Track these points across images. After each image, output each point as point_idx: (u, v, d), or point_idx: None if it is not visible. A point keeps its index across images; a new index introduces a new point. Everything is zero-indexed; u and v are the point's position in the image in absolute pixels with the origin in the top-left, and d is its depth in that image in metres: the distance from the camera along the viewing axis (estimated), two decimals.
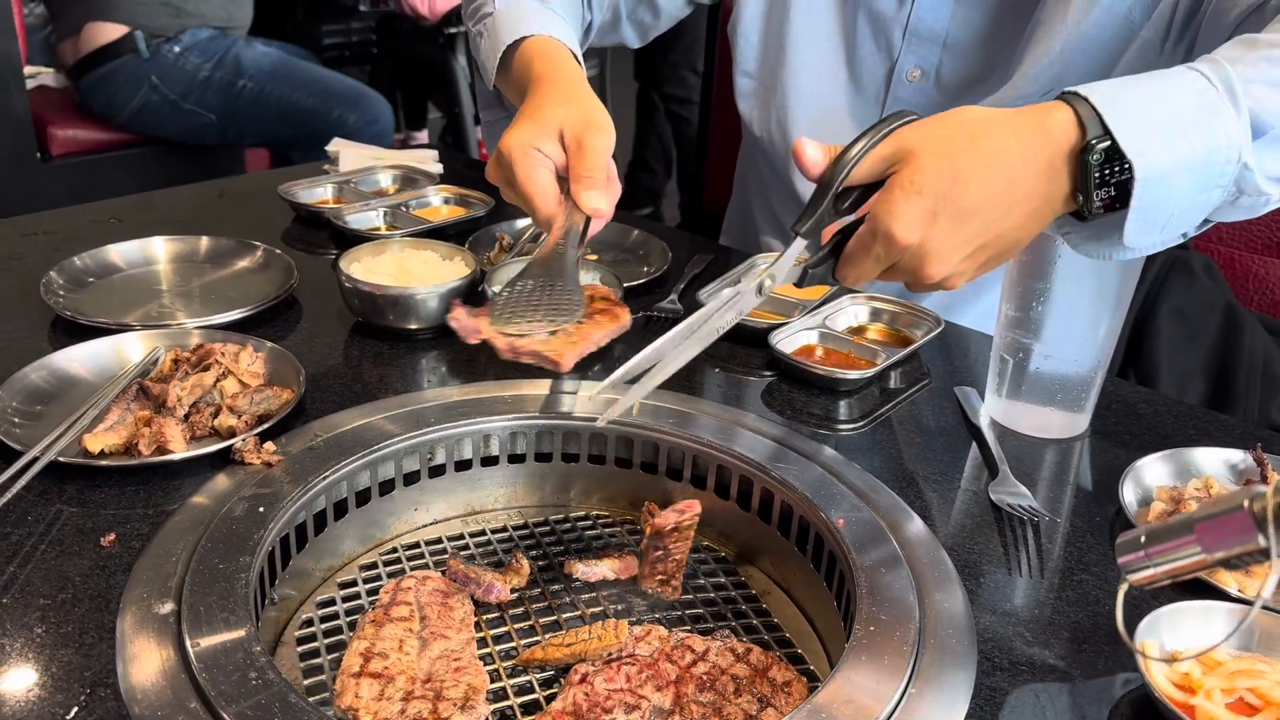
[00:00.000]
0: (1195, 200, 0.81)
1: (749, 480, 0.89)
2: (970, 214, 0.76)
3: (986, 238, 0.78)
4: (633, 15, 1.38)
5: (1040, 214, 0.79)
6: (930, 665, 0.69)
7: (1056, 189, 0.78)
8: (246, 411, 0.92)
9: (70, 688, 0.64)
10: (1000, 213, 0.77)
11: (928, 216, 0.76)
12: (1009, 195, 0.77)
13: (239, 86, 3.00)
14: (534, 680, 0.75)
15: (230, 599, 0.70)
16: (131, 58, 2.91)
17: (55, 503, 0.81)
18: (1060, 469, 0.95)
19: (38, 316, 1.12)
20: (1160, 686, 0.66)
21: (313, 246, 1.37)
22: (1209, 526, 0.49)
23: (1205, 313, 1.46)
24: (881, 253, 0.78)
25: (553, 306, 0.83)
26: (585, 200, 0.88)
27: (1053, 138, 0.77)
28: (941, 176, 0.75)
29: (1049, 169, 0.77)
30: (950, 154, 0.76)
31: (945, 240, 0.77)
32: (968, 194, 0.76)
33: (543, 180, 0.91)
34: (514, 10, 1.13)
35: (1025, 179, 0.77)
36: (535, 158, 0.91)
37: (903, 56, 1.26)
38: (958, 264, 0.79)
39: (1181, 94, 0.79)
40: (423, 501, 0.93)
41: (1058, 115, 0.78)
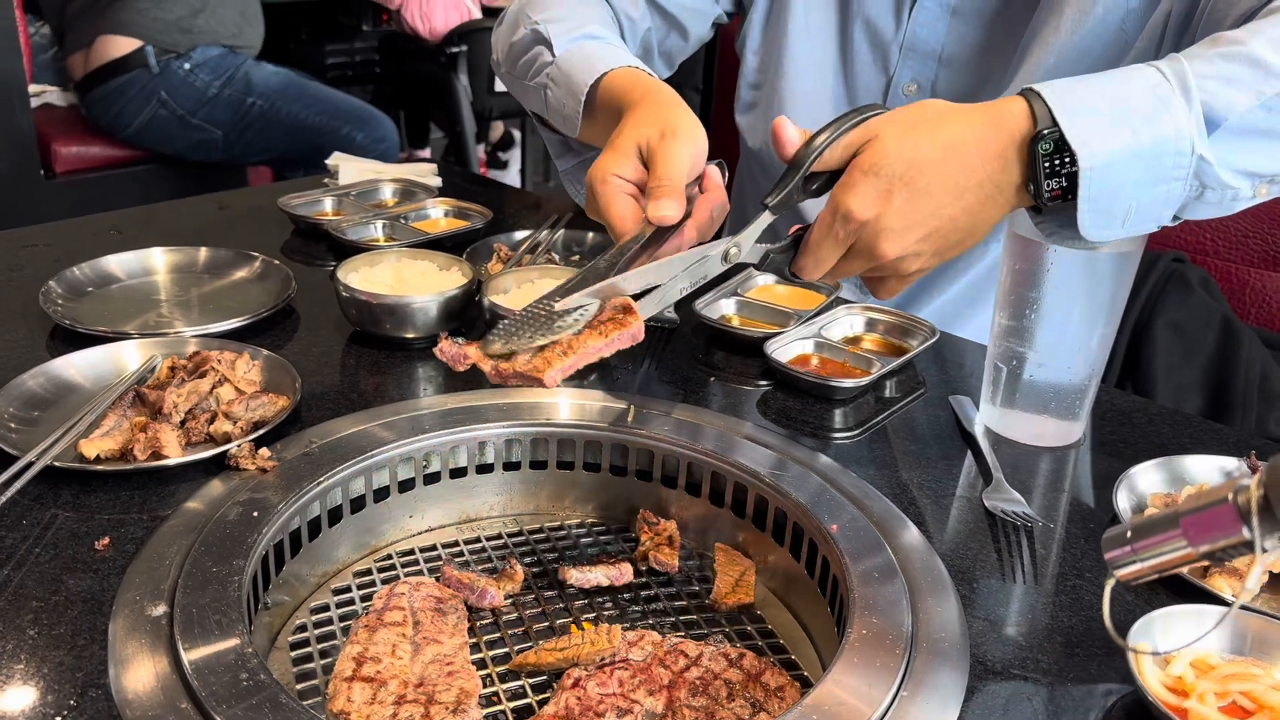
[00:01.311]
0: (1152, 193, 0.84)
1: (744, 487, 0.89)
2: (924, 193, 0.81)
3: (940, 220, 0.82)
4: (662, 46, 1.38)
5: (994, 201, 0.84)
6: (922, 669, 0.68)
7: (1008, 178, 0.83)
8: (242, 418, 0.92)
9: (62, 689, 0.64)
10: (953, 196, 0.82)
11: (883, 194, 0.80)
12: (962, 179, 0.82)
13: (248, 104, 3.02)
14: (527, 685, 0.75)
15: (223, 602, 0.70)
16: (141, 72, 2.94)
17: (50, 507, 0.82)
18: (1055, 477, 0.95)
19: (37, 325, 1.12)
20: (1153, 690, 0.66)
21: (311, 258, 1.37)
22: (1194, 520, 0.49)
23: (1202, 326, 1.46)
24: (840, 231, 0.82)
25: (546, 323, 0.80)
26: (651, 210, 0.86)
27: (1005, 127, 0.82)
28: (900, 158, 0.80)
29: (1001, 157, 0.82)
30: (910, 139, 0.81)
31: (899, 217, 0.81)
32: (922, 175, 0.80)
33: (621, 205, 0.90)
34: (581, 53, 1.10)
35: (978, 165, 0.82)
36: (614, 184, 0.90)
37: (899, 71, 1.27)
38: (913, 243, 0.82)
39: (1134, 88, 0.83)
40: (418, 509, 0.93)
41: (1012, 107, 0.83)
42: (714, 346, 1.15)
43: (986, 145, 0.82)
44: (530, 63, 1.17)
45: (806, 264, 0.86)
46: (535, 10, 1.18)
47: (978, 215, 0.84)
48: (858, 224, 0.82)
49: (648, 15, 1.32)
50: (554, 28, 1.13)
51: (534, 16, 1.17)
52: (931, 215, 0.82)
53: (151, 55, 2.93)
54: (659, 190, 0.87)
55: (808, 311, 1.18)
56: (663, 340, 1.16)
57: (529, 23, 1.17)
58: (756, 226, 0.85)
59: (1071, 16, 1.10)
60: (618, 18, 1.29)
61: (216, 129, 3.04)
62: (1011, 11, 1.19)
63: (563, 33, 1.13)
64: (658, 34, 1.35)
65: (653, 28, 1.34)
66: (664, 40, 1.37)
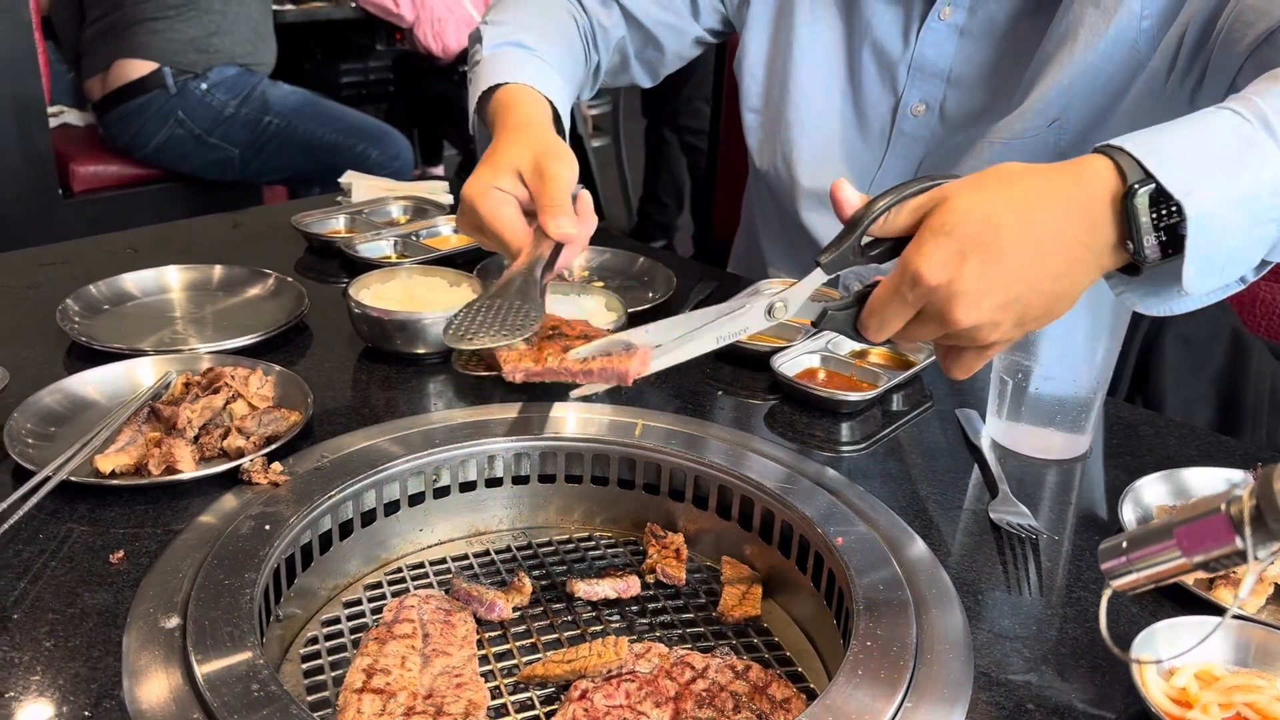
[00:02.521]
0: (1250, 237, 0.78)
1: (750, 501, 0.90)
2: (1000, 257, 0.73)
3: (1020, 286, 0.74)
4: (641, 55, 1.41)
5: (1085, 263, 0.76)
6: (926, 680, 0.69)
7: (1099, 237, 0.75)
8: (255, 433, 0.93)
9: (77, 700, 0.66)
10: (1033, 258, 0.74)
11: (956, 257, 0.72)
12: (1044, 242, 0.74)
13: (265, 123, 3.06)
14: (534, 697, 0.76)
15: (235, 614, 0.71)
16: (159, 93, 2.97)
17: (66, 521, 0.83)
18: (1061, 489, 0.95)
19: (54, 343, 1.14)
20: (1157, 702, 0.66)
21: (324, 275, 1.39)
22: (1188, 530, 0.50)
23: (1211, 339, 1.46)
24: (909, 294, 0.74)
25: (509, 322, 0.80)
26: (553, 227, 0.87)
27: (1090, 186, 0.75)
28: (972, 218, 0.73)
29: (1088, 217, 0.75)
30: (983, 199, 0.74)
31: (974, 282, 0.73)
32: (999, 237, 0.73)
33: (508, 215, 0.90)
34: (497, 58, 1.14)
35: (1063, 225, 0.74)
36: (496, 196, 0.90)
37: (907, 92, 1.28)
38: (990, 310, 0.74)
39: (1218, 132, 0.78)
40: (427, 522, 0.94)
41: (1095, 164, 0.76)
42: (721, 361, 1.15)
43: (1072, 203, 0.75)
44: (471, 58, 1.22)
45: (871, 324, 0.79)
46: (494, 11, 1.24)
47: (1065, 280, 0.75)
48: (927, 287, 0.73)
49: (622, 24, 1.35)
50: (490, 30, 1.19)
51: (489, 16, 1.22)
52: (1010, 279, 0.73)
53: (169, 76, 2.96)
54: (555, 209, 0.87)
55: None
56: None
57: (482, 20, 1.23)
58: (808, 284, 0.79)
59: (1085, 37, 1.11)
60: (590, 23, 1.32)
61: (234, 148, 3.07)
62: (1020, 32, 1.20)
63: (494, 36, 1.18)
64: (634, 44, 1.38)
65: (627, 36, 1.37)
66: (641, 51, 1.40)
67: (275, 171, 3.18)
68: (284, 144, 3.09)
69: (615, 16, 1.35)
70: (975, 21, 1.22)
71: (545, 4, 1.29)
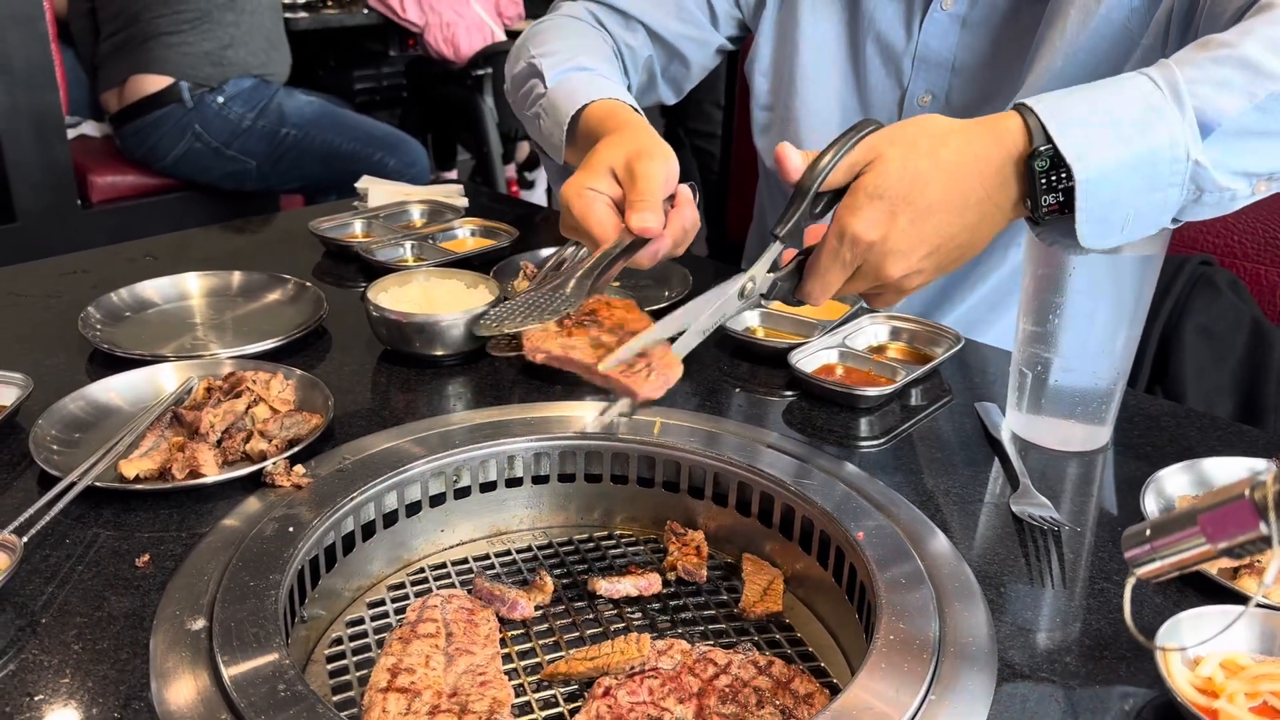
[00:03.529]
0: (1150, 200, 0.84)
1: (770, 497, 0.90)
2: (927, 214, 0.81)
3: (941, 238, 0.83)
4: (666, 72, 1.42)
5: (993, 217, 0.84)
6: (950, 673, 0.69)
7: (1006, 194, 0.83)
8: (277, 436, 0.94)
9: (106, 702, 0.66)
10: (954, 214, 0.82)
11: (888, 216, 0.81)
12: (963, 198, 0.82)
13: (282, 134, 3.07)
14: (558, 694, 0.76)
15: (260, 616, 0.71)
16: (176, 107, 2.99)
17: (92, 526, 0.84)
18: (1082, 481, 0.95)
19: (76, 350, 1.15)
20: (1182, 691, 0.66)
21: (342, 279, 1.40)
22: (1212, 517, 0.50)
23: (1232, 329, 1.45)
24: (847, 255, 0.82)
25: (541, 307, 0.83)
26: (633, 221, 0.89)
27: (1003, 144, 0.82)
28: (902, 180, 0.80)
29: (999, 175, 0.82)
30: (911, 159, 0.81)
31: (904, 238, 0.81)
32: (925, 196, 0.81)
33: (599, 213, 0.92)
34: (566, 85, 1.16)
35: (978, 184, 0.82)
36: (589, 196, 0.93)
37: (913, 83, 1.28)
38: (917, 261, 0.83)
39: (1126, 97, 0.83)
40: (449, 523, 0.94)
41: (1010, 123, 0.83)
42: (738, 358, 1.16)
43: (986, 164, 0.82)
44: (528, 94, 1.23)
45: (814, 289, 0.86)
46: (534, 44, 1.25)
47: (976, 232, 0.85)
48: (864, 246, 0.82)
49: (647, 44, 1.37)
50: (546, 61, 1.20)
51: (532, 50, 1.24)
52: (934, 234, 0.82)
53: (185, 90, 2.98)
54: (640, 203, 0.90)
55: (832, 322, 1.18)
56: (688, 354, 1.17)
57: (527, 55, 1.24)
58: (767, 257, 0.85)
59: (1076, 18, 1.11)
60: (618, 47, 1.34)
61: (251, 159, 3.09)
62: (1021, 20, 1.20)
63: (553, 65, 1.19)
64: (660, 62, 1.40)
65: (654, 55, 1.38)
66: (667, 68, 1.41)
67: (293, 181, 3.20)
68: (302, 154, 3.11)
69: (640, 37, 1.36)
70: (976, 11, 1.23)
71: (579, 31, 1.31)
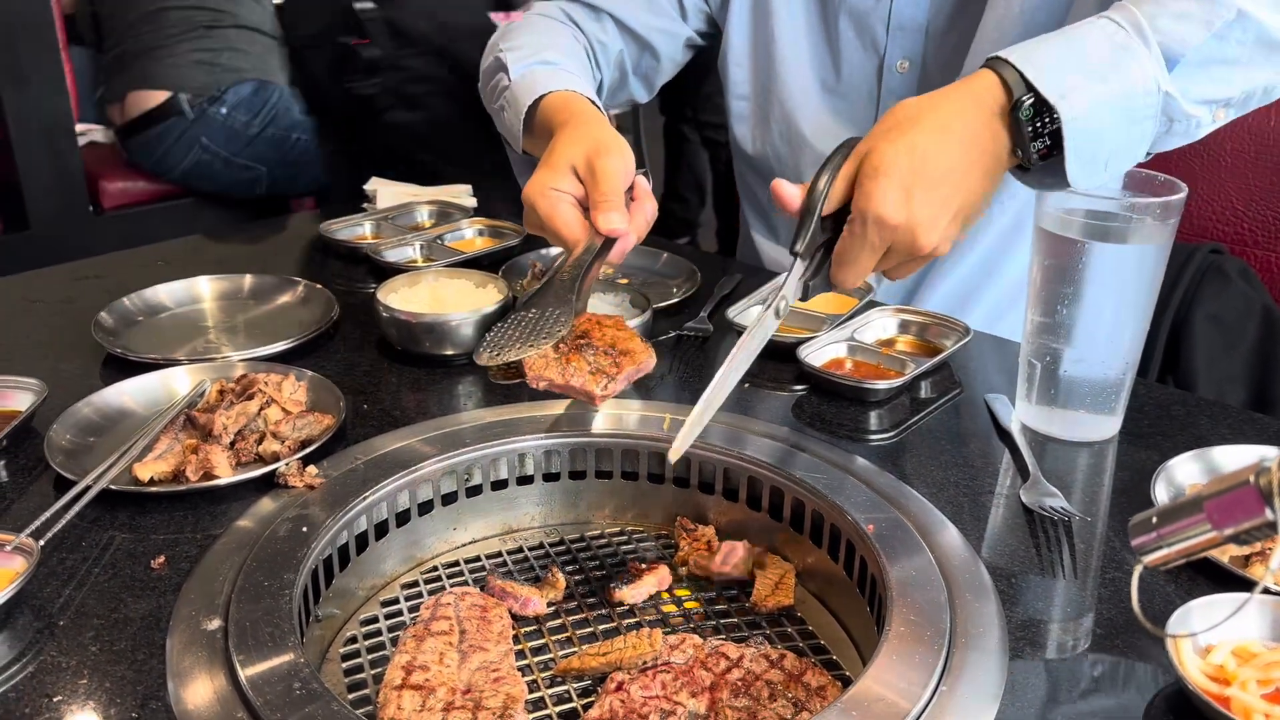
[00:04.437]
0: (1129, 135, 0.89)
1: (780, 491, 0.90)
2: (940, 182, 0.84)
3: (959, 201, 0.86)
4: (638, 68, 1.45)
5: (993, 171, 0.89)
6: (961, 664, 0.69)
7: (1000, 146, 0.88)
8: (289, 437, 0.94)
9: (124, 702, 0.67)
10: (962, 175, 0.86)
11: (904, 194, 0.83)
12: (965, 159, 0.86)
13: (292, 140, 3.08)
14: (571, 690, 0.77)
15: (275, 614, 0.72)
16: (177, 120, 2.98)
17: (108, 529, 0.85)
18: (1093, 471, 0.95)
19: (90, 355, 1.16)
20: (1194, 679, 0.66)
21: (352, 281, 1.40)
22: (1218, 504, 0.50)
23: (1243, 317, 1.45)
24: (876, 239, 0.84)
25: (538, 331, 0.89)
26: (600, 222, 0.93)
27: (984, 103, 0.87)
28: (900, 156, 0.83)
29: (989, 130, 0.87)
30: (906, 138, 0.84)
31: (927, 209, 0.84)
32: (931, 165, 0.84)
33: (565, 213, 0.96)
34: (528, 78, 1.20)
35: (974, 142, 0.86)
36: (553, 196, 0.96)
37: (889, 50, 1.31)
38: (945, 227, 0.86)
39: (1094, 40, 0.89)
40: (461, 521, 0.95)
41: (985, 81, 0.88)
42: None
43: (975, 122, 0.87)
44: (494, 88, 1.27)
45: (847, 276, 0.88)
46: (504, 40, 1.29)
47: (984, 185, 0.88)
48: (890, 227, 0.83)
49: (619, 38, 1.39)
50: (512, 55, 1.24)
51: (501, 46, 1.28)
52: (953, 197, 0.85)
53: (184, 102, 2.97)
54: (605, 204, 0.93)
55: (840, 315, 1.18)
56: (697, 349, 1.17)
57: (496, 51, 1.28)
58: (795, 274, 0.87)
59: None
60: (589, 43, 1.37)
61: (261, 165, 3.09)
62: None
63: (518, 60, 1.23)
64: (630, 56, 1.42)
65: (624, 49, 1.41)
66: (638, 63, 1.44)
67: (305, 185, 3.21)
68: (312, 159, 3.12)
69: (611, 31, 1.39)
70: None
71: (550, 28, 1.34)
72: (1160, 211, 0.91)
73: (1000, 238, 1.36)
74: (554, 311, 0.90)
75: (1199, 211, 1.61)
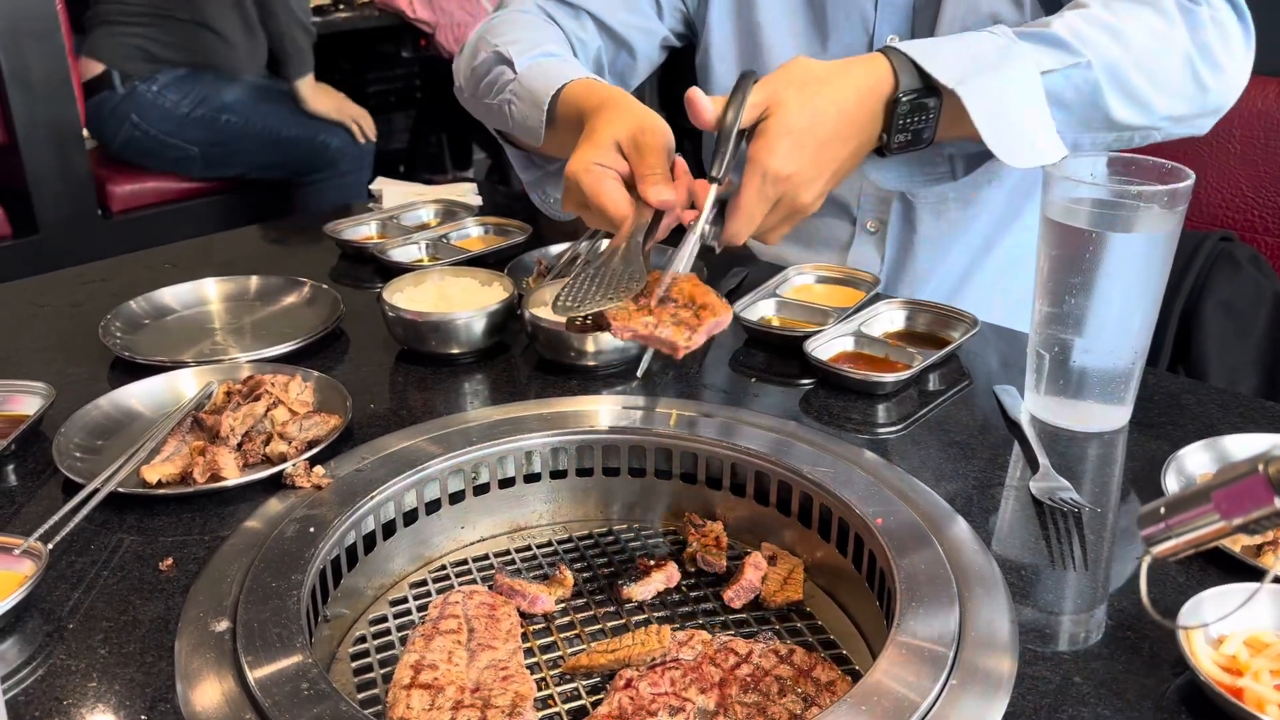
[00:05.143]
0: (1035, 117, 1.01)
1: (788, 486, 0.90)
2: (826, 144, 0.95)
3: (837, 163, 0.97)
4: (614, 65, 1.44)
5: (864, 148, 1.01)
6: (971, 657, 0.69)
7: (875, 129, 1.00)
8: (296, 438, 0.94)
9: (133, 704, 0.67)
10: (841, 143, 0.97)
11: (798, 149, 0.93)
12: (851, 129, 0.97)
13: (222, 121, 3.10)
14: (580, 687, 0.76)
15: (283, 615, 0.72)
16: (109, 94, 3.04)
17: (116, 532, 0.85)
18: (1103, 462, 0.94)
19: (97, 358, 1.16)
20: (1206, 669, 0.65)
21: (358, 281, 1.40)
22: (1226, 493, 0.49)
23: (1254, 304, 1.44)
24: (770, 191, 0.93)
25: (615, 286, 0.87)
26: (650, 194, 0.92)
27: (877, 87, 0.99)
28: (804, 116, 0.93)
29: (872, 111, 0.99)
30: (808, 98, 0.94)
31: (812, 167, 0.94)
32: (823, 128, 0.94)
33: (610, 189, 0.94)
34: (539, 69, 1.18)
35: (860, 117, 0.98)
36: (598, 171, 0.95)
37: (878, 29, 1.31)
38: (821, 186, 0.96)
39: (982, 43, 1.03)
40: (469, 520, 0.95)
41: (879, 67, 0.99)
42: (754, 348, 1.15)
43: (868, 100, 0.98)
44: (493, 83, 1.24)
45: (741, 228, 0.95)
46: (494, 35, 1.28)
47: (855, 159, 1.00)
48: (784, 180, 0.92)
49: (597, 36, 1.39)
50: (514, 49, 1.22)
51: (494, 41, 1.26)
52: (831, 160, 0.96)
53: (116, 78, 3.04)
54: (654, 176, 0.93)
55: (847, 309, 1.18)
56: (705, 343, 1.17)
57: (490, 47, 1.26)
58: (711, 200, 0.92)
59: None
60: (569, 40, 1.36)
61: (193, 146, 3.12)
62: None
63: (522, 52, 1.22)
64: (608, 54, 1.41)
65: (602, 47, 1.40)
66: (614, 60, 1.43)
67: (239, 168, 3.23)
68: (244, 141, 3.14)
69: (589, 29, 1.38)
70: None
71: (534, 24, 1.33)
72: (1167, 199, 0.90)
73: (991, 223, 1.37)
74: (623, 269, 0.88)
75: (1209, 199, 1.60)
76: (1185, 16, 1.09)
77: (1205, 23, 1.09)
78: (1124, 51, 1.05)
